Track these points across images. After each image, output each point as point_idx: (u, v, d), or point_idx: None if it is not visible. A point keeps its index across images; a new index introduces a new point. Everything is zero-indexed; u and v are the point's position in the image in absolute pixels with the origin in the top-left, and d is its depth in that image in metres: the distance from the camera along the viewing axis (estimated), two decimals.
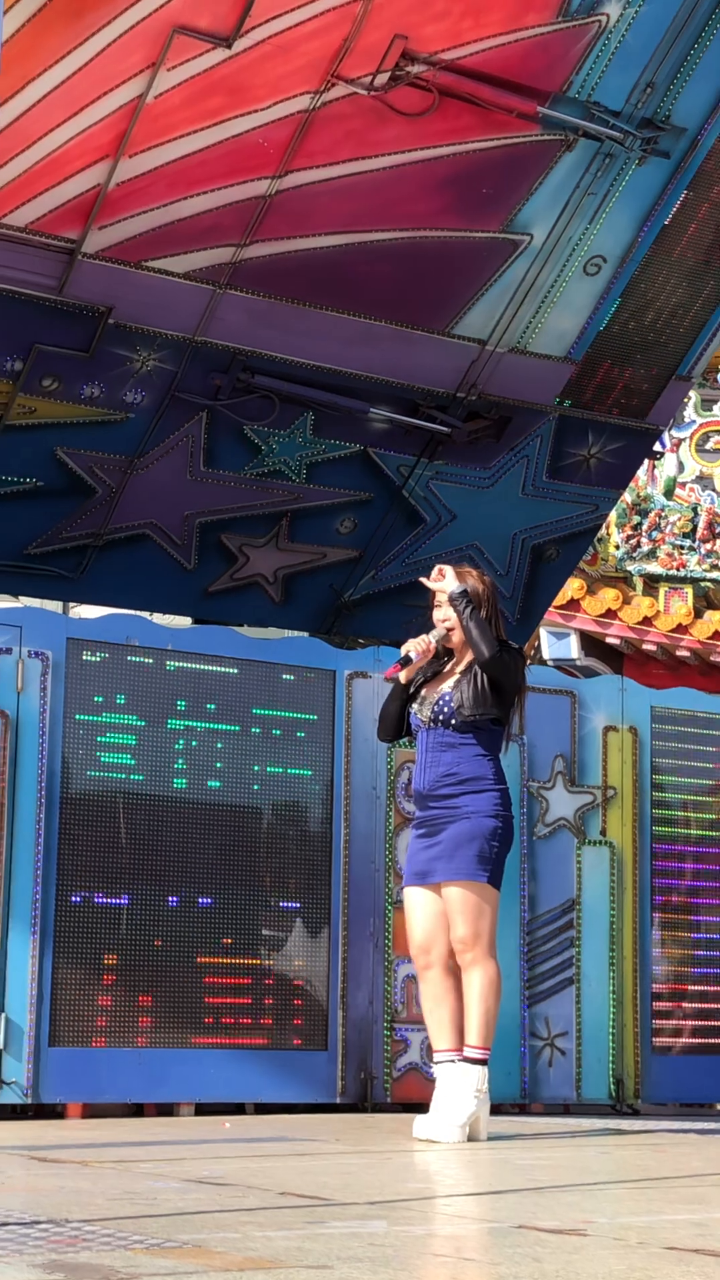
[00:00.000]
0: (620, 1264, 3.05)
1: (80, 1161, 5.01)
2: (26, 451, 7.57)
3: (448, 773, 6.06)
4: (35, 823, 6.87)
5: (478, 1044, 5.94)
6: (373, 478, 8.33)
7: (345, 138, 7.16)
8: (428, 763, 6.10)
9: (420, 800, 6.14)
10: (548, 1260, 3.06)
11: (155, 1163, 5.04)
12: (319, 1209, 3.89)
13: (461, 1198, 4.39)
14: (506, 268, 7.78)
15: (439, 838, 6.04)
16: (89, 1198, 4.04)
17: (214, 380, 7.71)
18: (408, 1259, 3.10)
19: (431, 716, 6.13)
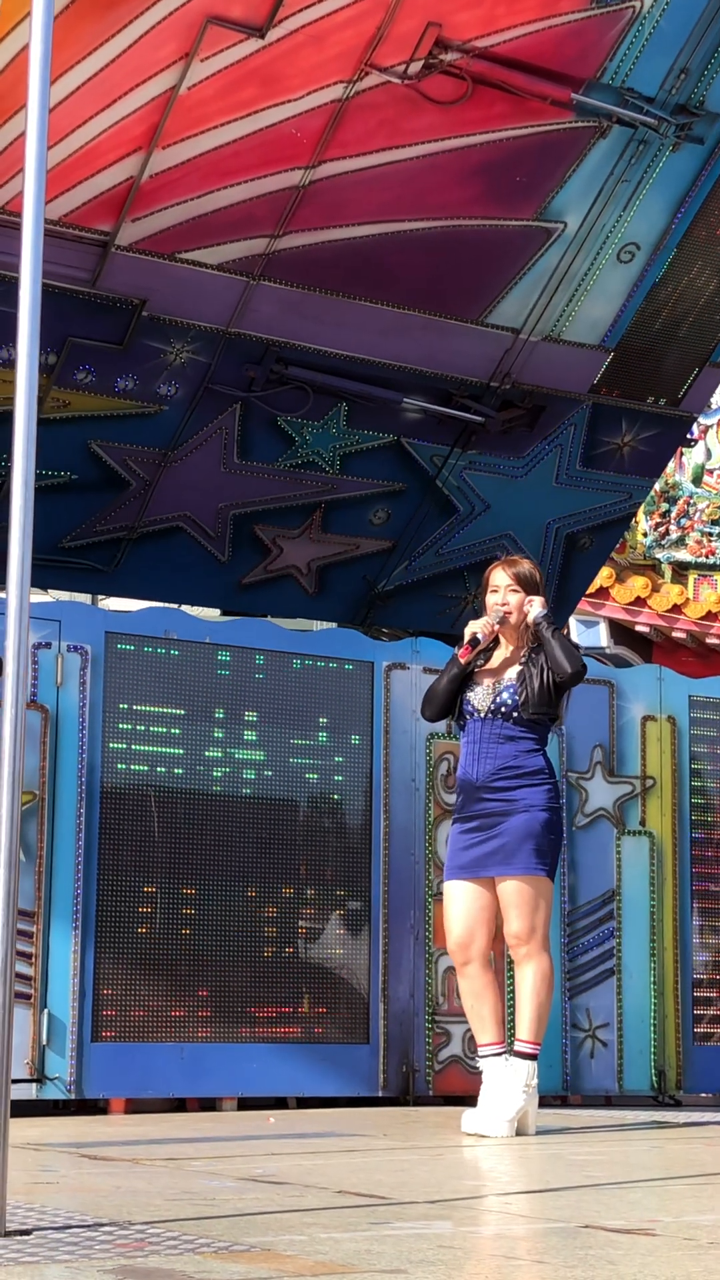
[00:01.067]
0: (696, 1266, 3.02)
1: (131, 1159, 4.99)
2: (61, 445, 7.55)
3: (506, 765, 6.03)
4: (75, 817, 6.85)
5: (529, 1038, 5.92)
6: (406, 468, 8.29)
7: (378, 127, 7.12)
8: (482, 753, 6.05)
9: (470, 791, 6.08)
10: (622, 1263, 3.03)
11: (207, 1160, 5.03)
12: (379, 1209, 3.86)
13: (520, 1195, 4.36)
14: (540, 256, 7.73)
15: (495, 831, 5.99)
16: (147, 1198, 4.02)
17: (248, 372, 7.68)
18: (481, 1262, 3.08)
19: (492, 708, 6.09)
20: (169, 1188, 4.25)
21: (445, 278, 7.69)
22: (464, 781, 6.13)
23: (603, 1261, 3.05)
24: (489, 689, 6.14)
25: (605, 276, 7.89)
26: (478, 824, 6.05)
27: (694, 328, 8.27)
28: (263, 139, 6.99)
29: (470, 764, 6.10)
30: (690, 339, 8.31)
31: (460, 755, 6.24)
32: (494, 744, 6.06)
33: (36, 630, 6.88)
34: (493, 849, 5.99)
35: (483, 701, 6.12)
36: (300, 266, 7.41)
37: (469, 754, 6.12)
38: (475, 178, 7.38)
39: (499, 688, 6.13)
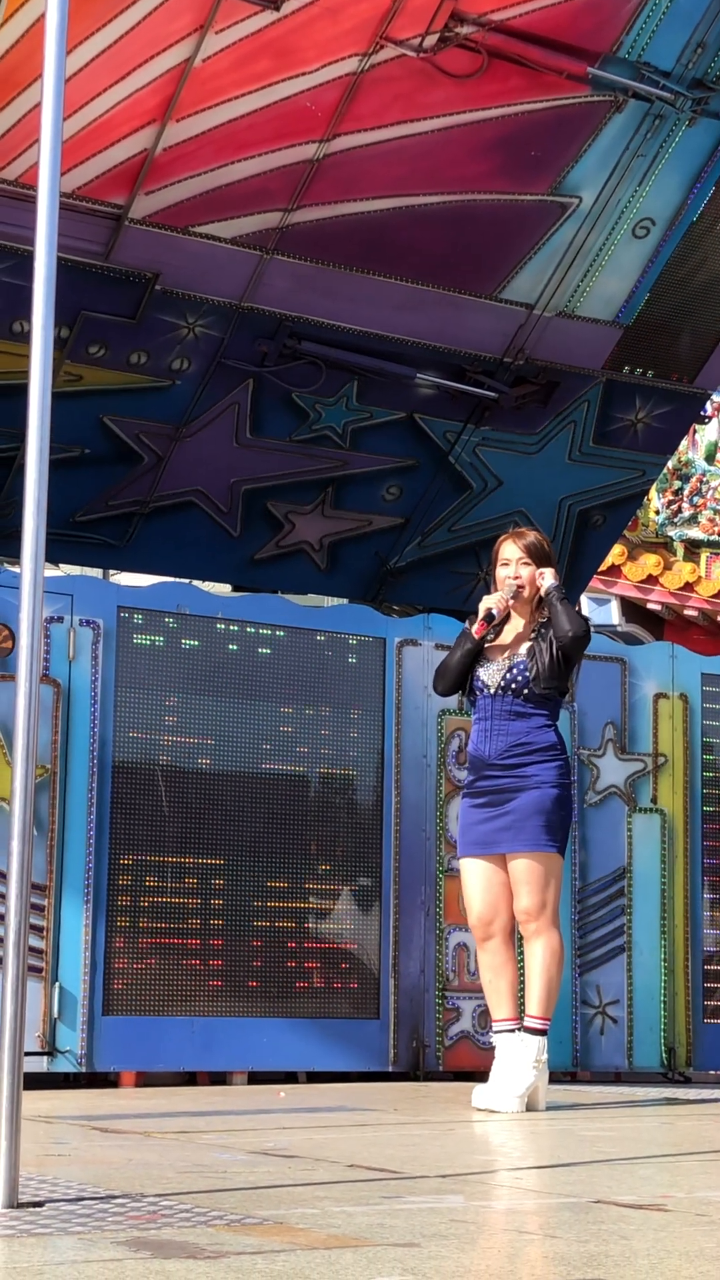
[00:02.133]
0: (710, 1241, 3.02)
1: (143, 1132, 5.00)
2: (73, 419, 7.53)
3: (519, 742, 6.04)
4: (87, 791, 6.85)
5: (538, 1014, 5.93)
6: (419, 444, 8.27)
7: (394, 100, 7.09)
8: (494, 730, 6.05)
9: (481, 766, 6.09)
10: (635, 1238, 3.03)
11: (218, 1133, 5.04)
12: (391, 1182, 3.87)
13: (531, 1170, 4.37)
14: (555, 231, 7.70)
15: (506, 808, 6.00)
16: (159, 1171, 4.03)
17: (260, 346, 7.66)
18: (493, 1236, 3.08)
19: (503, 684, 6.08)
20: (180, 1160, 4.26)
21: (459, 252, 7.66)
22: (475, 758, 6.13)
23: (615, 1236, 3.05)
24: (500, 665, 6.13)
25: (620, 252, 7.86)
26: (488, 800, 6.06)
27: (709, 303, 8.24)
28: (277, 112, 6.96)
29: (481, 741, 6.10)
30: (705, 315, 8.28)
31: (472, 732, 6.22)
32: (505, 720, 6.06)
33: (49, 604, 6.87)
34: (504, 825, 5.99)
35: (493, 678, 6.11)
36: (314, 241, 7.38)
37: (480, 730, 6.12)
38: (490, 152, 7.35)
39: (510, 664, 6.12)
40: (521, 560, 6.21)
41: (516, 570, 6.19)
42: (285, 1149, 4.55)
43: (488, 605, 6.13)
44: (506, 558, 6.24)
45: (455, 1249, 2.89)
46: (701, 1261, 2.81)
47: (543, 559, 6.23)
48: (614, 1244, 2.97)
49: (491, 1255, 2.86)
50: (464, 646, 6.16)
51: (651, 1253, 2.88)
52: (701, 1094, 7.03)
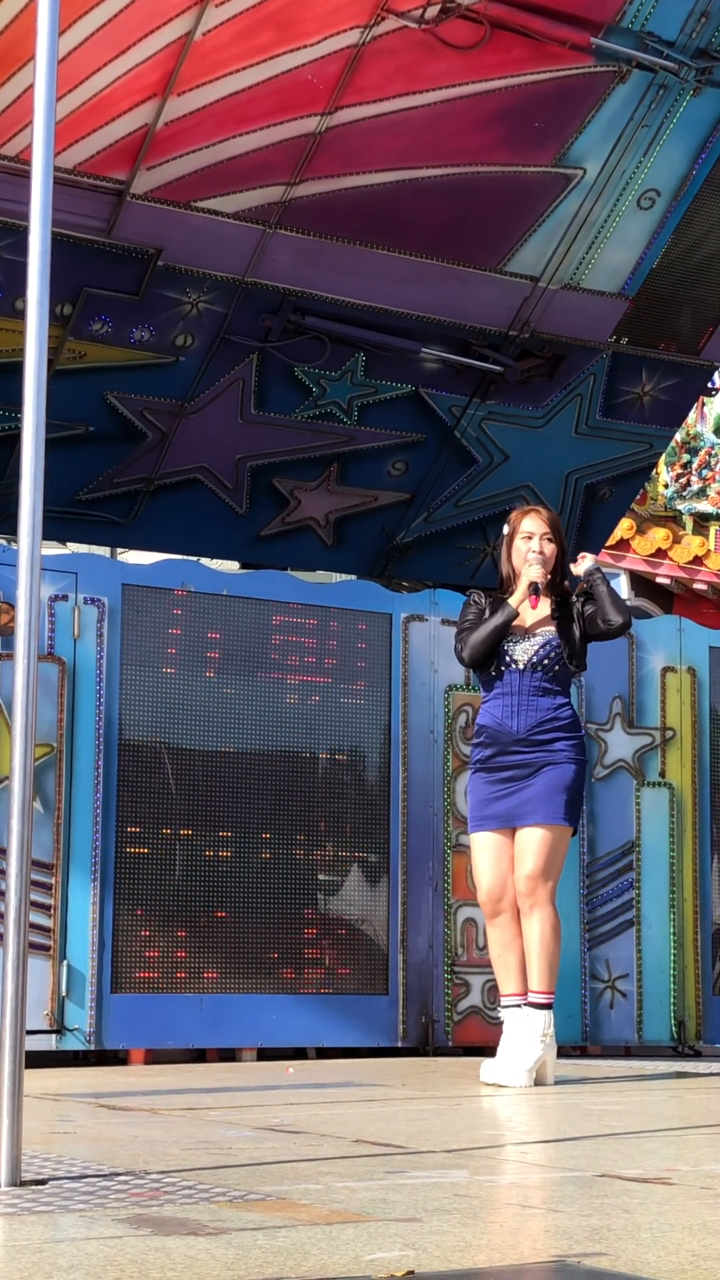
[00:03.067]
0: (713, 1215, 3.01)
1: (149, 1109, 5.00)
2: (77, 396, 7.51)
3: (547, 718, 6.06)
4: (94, 769, 6.84)
5: (543, 989, 5.93)
6: (424, 419, 8.24)
7: (395, 72, 7.05)
8: (522, 705, 6.05)
9: (506, 742, 6.06)
10: (639, 1212, 3.02)
11: (225, 1110, 5.03)
12: (396, 1158, 3.86)
13: (536, 1145, 4.36)
14: (559, 203, 7.66)
15: (532, 781, 6.01)
16: (164, 1148, 4.02)
17: (264, 322, 7.63)
18: (496, 1210, 3.07)
19: (533, 661, 6.09)
20: (186, 1137, 4.25)
21: (463, 225, 7.62)
22: (499, 733, 6.09)
23: (618, 1210, 3.04)
24: (532, 642, 6.12)
25: (625, 223, 7.82)
26: (510, 774, 6.05)
27: (715, 275, 8.19)
28: (279, 85, 6.92)
29: (508, 716, 6.08)
30: (712, 287, 8.23)
31: (489, 706, 6.17)
32: (533, 696, 6.07)
33: (53, 582, 6.87)
34: (528, 797, 5.99)
35: (525, 654, 6.11)
36: (317, 215, 7.35)
37: (506, 706, 6.09)
38: (493, 124, 7.30)
39: (544, 640, 6.12)
40: (545, 535, 6.21)
41: (541, 545, 6.18)
42: (291, 1125, 4.55)
43: (533, 579, 6.10)
44: (530, 531, 6.22)
45: (457, 1224, 2.88)
46: (704, 1235, 2.79)
47: (560, 537, 6.27)
48: (617, 1218, 2.96)
49: (493, 1230, 2.84)
50: (503, 619, 6.09)
51: (654, 1226, 2.86)
52: (711, 1067, 7.02)
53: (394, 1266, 2.48)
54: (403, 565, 8.73)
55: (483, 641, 6.10)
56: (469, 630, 6.16)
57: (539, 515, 6.27)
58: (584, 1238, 2.76)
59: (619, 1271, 2.46)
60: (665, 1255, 2.60)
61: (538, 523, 6.23)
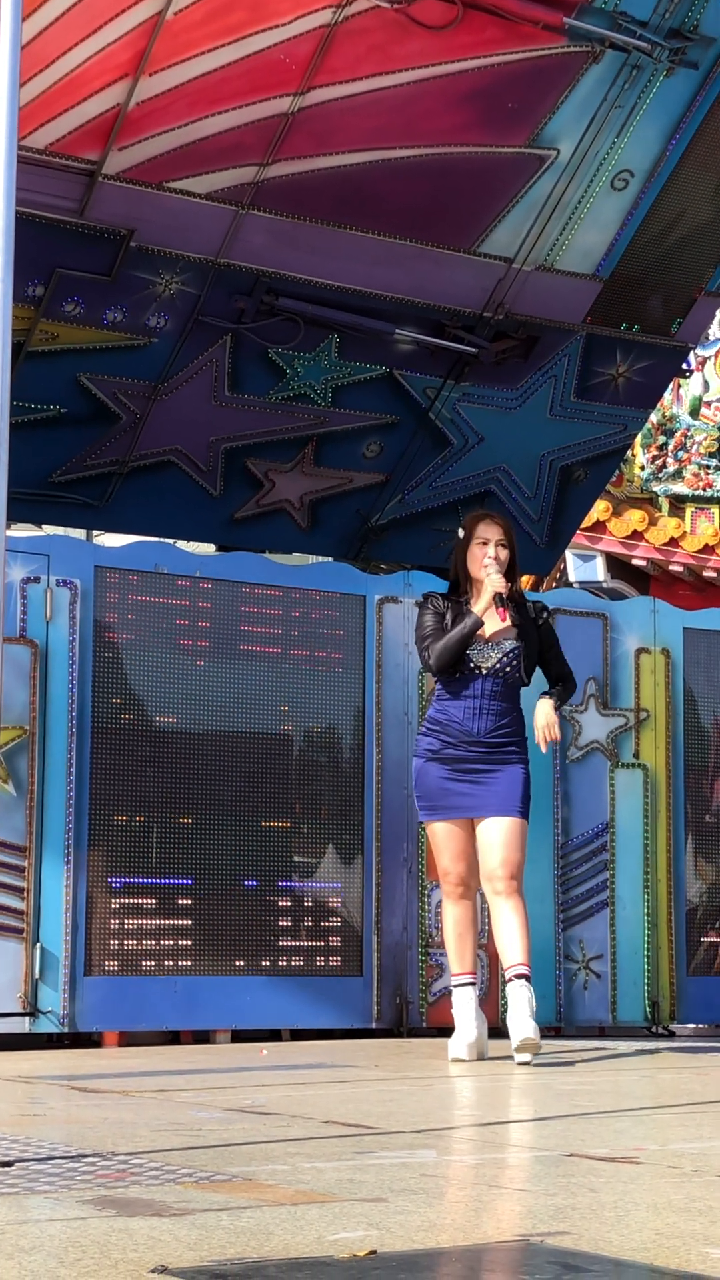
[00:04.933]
0: (678, 1193, 3.01)
1: (121, 1091, 5.00)
2: (49, 378, 7.48)
3: (504, 722, 6.30)
4: (66, 751, 6.83)
5: (528, 962, 6.15)
6: (399, 400, 8.23)
7: (368, 53, 7.02)
8: (483, 709, 6.28)
9: (468, 742, 6.28)
10: (604, 1190, 3.03)
11: (196, 1091, 5.03)
12: (365, 1138, 3.86)
13: (506, 1125, 4.37)
14: (533, 183, 7.64)
15: (489, 779, 6.23)
16: (133, 1129, 4.02)
17: (238, 303, 7.61)
18: (461, 1190, 3.07)
19: (495, 667, 6.30)
20: (156, 1119, 4.25)
21: (437, 206, 7.60)
22: (460, 731, 6.29)
23: (584, 1189, 3.05)
24: (492, 650, 6.31)
25: (599, 204, 7.81)
26: (466, 769, 6.27)
27: (689, 256, 8.19)
28: (251, 65, 6.89)
29: (470, 718, 6.29)
30: (685, 268, 8.23)
31: (449, 705, 6.34)
32: (492, 700, 6.30)
33: (25, 564, 6.85)
34: (486, 793, 6.23)
35: (487, 660, 6.31)
36: (290, 195, 7.33)
37: (469, 709, 6.30)
38: (467, 104, 7.29)
39: (505, 651, 6.31)
40: (500, 542, 6.37)
41: (496, 551, 6.34)
42: (262, 1106, 4.55)
43: (498, 589, 6.26)
44: (485, 537, 6.39)
45: (422, 1203, 2.89)
46: (669, 1213, 2.80)
47: (513, 543, 6.44)
48: (582, 1196, 2.96)
49: (458, 1209, 2.85)
50: (469, 628, 6.27)
51: (619, 1205, 2.87)
52: (684, 1047, 7.04)
53: (357, 1246, 2.48)
54: (378, 547, 8.72)
55: (451, 651, 6.28)
56: (433, 639, 6.33)
57: (493, 521, 6.45)
58: (548, 1217, 2.76)
59: (582, 1250, 2.47)
60: (629, 1234, 2.60)
61: (493, 529, 6.41)
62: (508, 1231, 2.64)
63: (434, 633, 6.33)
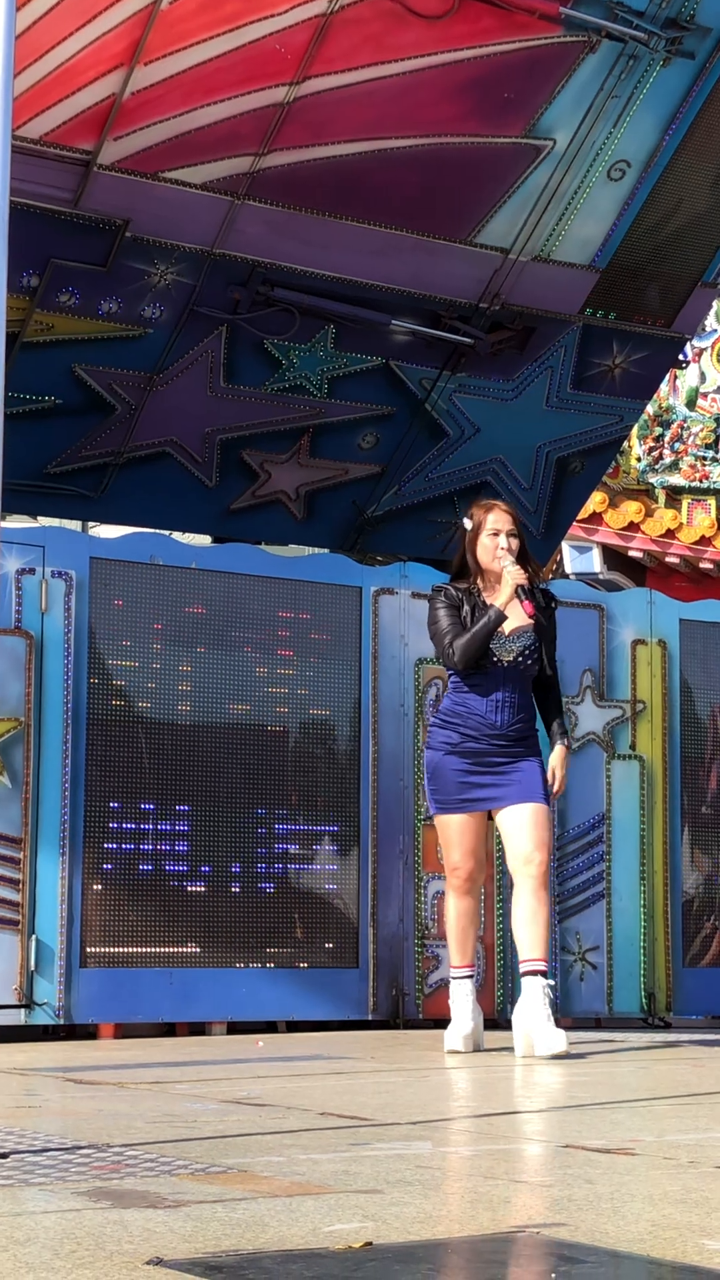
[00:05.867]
0: (674, 1185, 3.01)
1: (116, 1083, 4.99)
2: (44, 369, 7.47)
3: (522, 714, 6.24)
4: (62, 743, 6.82)
5: (546, 958, 6.14)
6: (395, 391, 8.21)
7: (364, 42, 7.00)
8: (505, 702, 6.21)
9: (488, 734, 6.18)
10: (600, 1182, 3.02)
11: (192, 1083, 5.03)
12: (361, 1130, 3.85)
13: (502, 1116, 4.36)
14: (529, 174, 7.63)
15: (512, 769, 6.17)
16: (128, 1121, 4.01)
17: (233, 293, 7.59)
18: (457, 1182, 3.07)
19: (516, 660, 6.22)
20: (151, 1110, 4.25)
21: (433, 197, 7.58)
22: (482, 724, 6.19)
23: (580, 1180, 3.04)
24: (513, 643, 6.22)
25: (595, 195, 7.79)
26: (487, 764, 6.18)
27: (686, 247, 8.17)
28: (246, 55, 6.87)
29: (492, 711, 6.20)
30: (682, 258, 8.21)
31: (468, 698, 6.21)
32: (511, 692, 6.23)
33: (20, 556, 6.84)
34: (509, 784, 6.16)
35: (508, 653, 6.22)
36: (285, 185, 7.31)
37: (491, 702, 6.20)
38: (463, 94, 7.27)
39: (524, 645, 6.23)
40: (511, 532, 6.26)
41: (508, 542, 6.24)
42: (258, 1098, 4.54)
43: (519, 581, 6.16)
44: (495, 527, 6.27)
45: (418, 1195, 2.88)
46: (665, 1204, 2.79)
47: (522, 532, 6.33)
48: (578, 1188, 2.95)
49: (454, 1201, 2.84)
50: (494, 623, 6.16)
51: (615, 1196, 2.86)
52: (680, 1039, 7.03)
53: (352, 1238, 2.47)
54: (373, 539, 8.71)
55: (478, 647, 6.16)
56: (452, 634, 6.21)
57: (502, 510, 6.34)
58: (544, 1208, 2.76)
59: (578, 1241, 2.46)
60: (625, 1225, 2.59)
61: (502, 518, 6.30)
62: (504, 1223, 2.63)
63: (453, 627, 6.21)
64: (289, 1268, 2.28)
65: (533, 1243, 2.47)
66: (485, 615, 6.16)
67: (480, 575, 6.29)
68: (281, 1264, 2.31)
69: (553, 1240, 2.47)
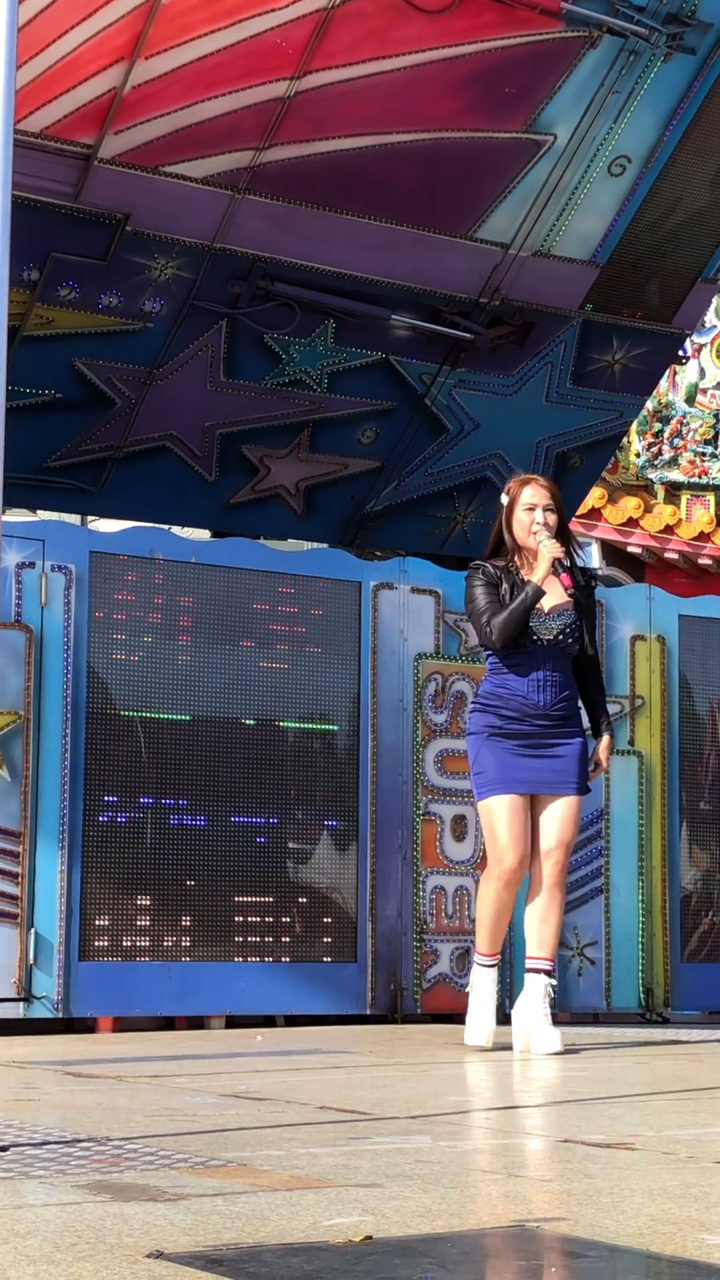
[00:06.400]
0: (674, 1179, 3.01)
1: (115, 1077, 4.99)
2: (44, 363, 7.47)
3: (564, 694, 6.06)
4: (61, 737, 6.82)
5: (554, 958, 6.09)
6: (395, 386, 8.21)
7: (365, 37, 7.00)
8: (547, 681, 6.03)
9: (532, 714, 6.00)
10: (599, 1176, 3.02)
11: (191, 1077, 5.03)
12: (360, 1124, 3.86)
13: (501, 1111, 4.37)
14: (530, 169, 7.62)
15: (560, 751, 6.02)
16: (127, 1115, 4.02)
17: (233, 288, 7.59)
18: (457, 1176, 3.07)
19: (557, 639, 6.04)
20: (150, 1104, 4.25)
21: (434, 191, 7.58)
22: (524, 705, 6.01)
23: (579, 1175, 3.05)
24: (553, 620, 6.04)
25: (596, 190, 7.79)
26: (532, 743, 6.02)
27: (686, 242, 8.17)
28: (247, 49, 6.87)
29: (534, 690, 6.02)
30: (682, 254, 8.21)
31: (509, 679, 6.03)
32: (553, 671, 6.05)
33: (20, 550, 6.84)
34: (555, 768, 6.02)
35: (549, 630, 6.03)
36: (286, 180, 7.30)
37: (532, 681, 6.02)
38: (464, 89, 7.26)
39: (562, 618, 6.04)
40: (548, 507, 6.07)
41: (544, 517, 6.04)
42: (257, 1092, 4.55)
43: (555, 555, 5.97)
44: (531, 502, 6.07)
45: (417, 1189, 2.88)
46: (664, 1199, 2.80)
47: (560, 506, 6.15)
48: (577, 1182, 2.96)
49: (453, 1195, 2.84)
50: (531, 599, 5.98)
51: (615, 1191, 2.87)
52: (678, 1034, 7.04)
53: (352, 1232, 2.48)
54: (373, 534, 8.71)
55: (516, 624, 5.97)
56: (489, 612, 6.01)
57: (539, 485, 6.13)
58: (544, 1203, 2.76)
59: (577, 1236, 2.46)
60: (624, 1220, 2.60)
61: (539, 493, 6.09)
62: (503, 1217, 2.64)
63: (490, 605, 6.00)
64: (289, 1261, 2.29)
65: (532, 1237, 2.47)
66: (522, 592, 5.98)
67: (517, 552, 6.09)
68: (282, 1257, 2.31)
69: (552, 1234, 2.48)
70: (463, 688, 7.64)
